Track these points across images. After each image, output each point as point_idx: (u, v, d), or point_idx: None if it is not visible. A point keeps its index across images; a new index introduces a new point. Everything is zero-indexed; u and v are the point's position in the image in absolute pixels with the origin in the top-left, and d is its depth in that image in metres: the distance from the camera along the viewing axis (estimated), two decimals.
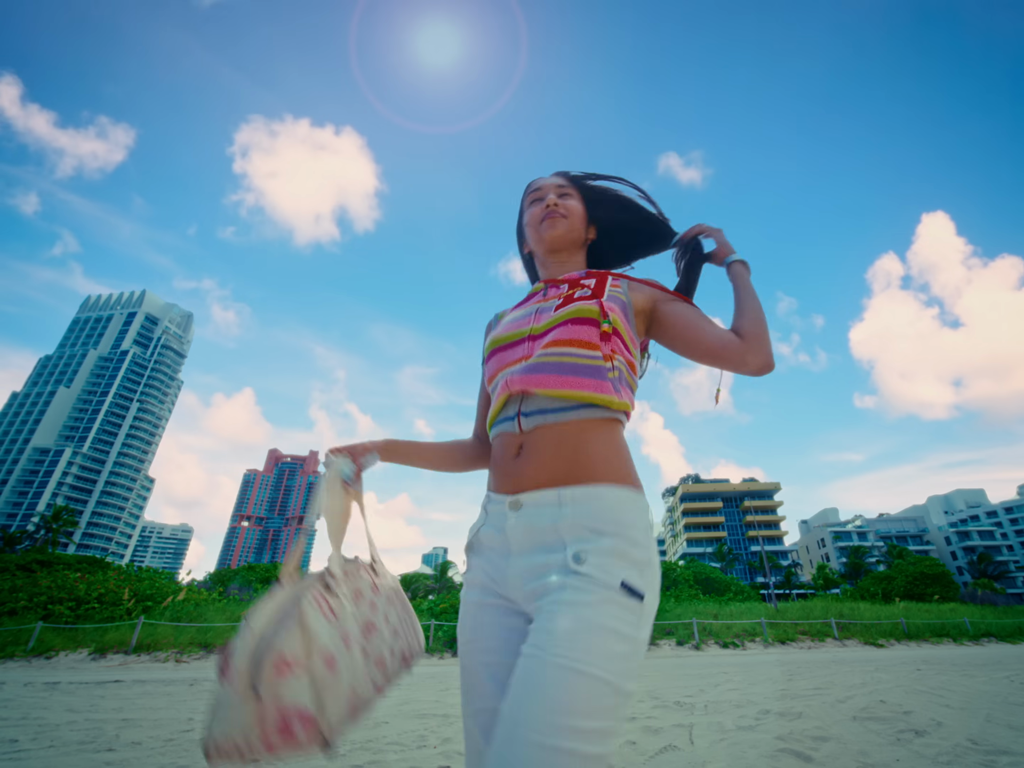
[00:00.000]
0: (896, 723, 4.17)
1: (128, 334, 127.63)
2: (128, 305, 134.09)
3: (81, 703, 5.55)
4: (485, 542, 0.89)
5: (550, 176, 1.21)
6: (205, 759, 0.66)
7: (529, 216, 1.17)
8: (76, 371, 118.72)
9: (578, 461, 0.83)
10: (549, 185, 1.18)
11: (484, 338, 1.18)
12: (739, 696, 5.62)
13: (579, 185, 1.20)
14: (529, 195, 1.20)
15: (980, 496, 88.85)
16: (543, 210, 1.13)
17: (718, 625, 14.62)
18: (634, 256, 1.28)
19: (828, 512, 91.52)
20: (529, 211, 1.18)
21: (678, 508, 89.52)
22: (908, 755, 3.28)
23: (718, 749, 3.46)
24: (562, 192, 1.16)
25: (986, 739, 3.61)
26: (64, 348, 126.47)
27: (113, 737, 3.95)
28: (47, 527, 53.71)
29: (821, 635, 15.08)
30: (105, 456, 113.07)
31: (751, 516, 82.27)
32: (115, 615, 12.86)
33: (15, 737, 3.90)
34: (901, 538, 79.76)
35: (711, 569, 33.57)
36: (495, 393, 0.98)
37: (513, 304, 1.17)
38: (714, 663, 10.08)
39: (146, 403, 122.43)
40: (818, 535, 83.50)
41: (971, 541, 74.30)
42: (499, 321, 1.16)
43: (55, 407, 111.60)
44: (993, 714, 4.48)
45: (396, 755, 3.43)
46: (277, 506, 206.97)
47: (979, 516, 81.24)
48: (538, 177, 1.24)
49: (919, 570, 34.29)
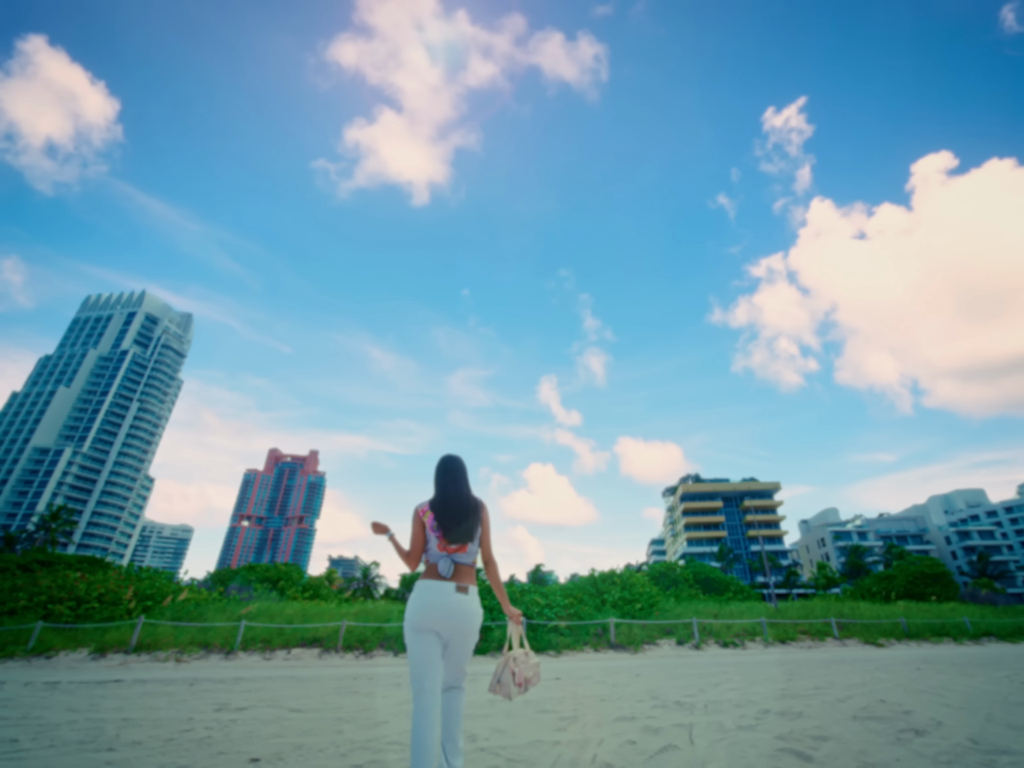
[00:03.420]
0: (896, 723, 4.17)
1: (128, 334, 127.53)
2: (128, 305, 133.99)
3: (81, 703, 5.55)
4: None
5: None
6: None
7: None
8: (76, 371, 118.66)
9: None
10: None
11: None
12: (739, 696, 5.61)
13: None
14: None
15: (980, 496, 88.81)
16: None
17: (718, 625, 14.62)
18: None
19: (828, 512, 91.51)
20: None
21: (678, 507, 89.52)
22: (908, 755, 3.27)
23: (718, 749, 3.46)
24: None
25: (986, 738, 3.61)
26: (64, 348, 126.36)
27: (113, 737, 3.94)
28: (47, 527, 53.70)
29: (821, 635, 15.08)
30: (105, 456, 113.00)
31: (751, 516, 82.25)
32: (115, 615, 12.85)
33: (15, 737, 3.90)
34: (901, 538, 79.74)
35: (711, 569, 33.55)
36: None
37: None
38: (714, 663, 10.08)
39: (146, 403, 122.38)
40: (818, 535, 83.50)
41: (971, 541, 74.29)
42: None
43: (55, 407, 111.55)
44: (993, 713, 4.48)
45: (396, 755, 3.43)
46: (277, 506, 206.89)
47: (979, 516, 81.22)
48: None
49: (919, 570, 34.27)
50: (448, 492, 2.36)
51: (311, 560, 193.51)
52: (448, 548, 2.29)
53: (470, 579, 2.30)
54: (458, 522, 2.30)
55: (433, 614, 2.18)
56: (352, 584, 42.31)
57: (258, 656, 11.17)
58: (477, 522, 2.37)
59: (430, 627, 2.19)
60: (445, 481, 2.39)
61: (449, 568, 2.25)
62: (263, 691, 6.49)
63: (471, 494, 2.41)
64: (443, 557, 2.28)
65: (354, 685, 7.10)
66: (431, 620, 2.18)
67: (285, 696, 6.06)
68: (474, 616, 2.25)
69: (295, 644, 11.97)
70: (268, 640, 11.89)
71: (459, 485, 2.39)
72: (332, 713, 4.92)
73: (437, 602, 2.19)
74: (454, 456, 2.47)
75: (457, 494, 2.36)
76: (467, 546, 2.32)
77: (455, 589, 2.21)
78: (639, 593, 16.40)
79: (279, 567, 30.28)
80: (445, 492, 2.36)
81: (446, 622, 2.19)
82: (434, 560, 2.30)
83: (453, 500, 2.34)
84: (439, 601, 2.19)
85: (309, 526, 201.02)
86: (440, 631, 2.20)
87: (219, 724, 4.39)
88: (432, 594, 2.20)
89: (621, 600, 15.88)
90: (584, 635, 13.11)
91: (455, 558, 2.29)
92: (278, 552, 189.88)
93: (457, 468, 2.42)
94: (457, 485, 2.38)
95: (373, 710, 5.08)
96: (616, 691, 6.16)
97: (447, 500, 2.34)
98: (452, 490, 2.36)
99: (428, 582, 2.23)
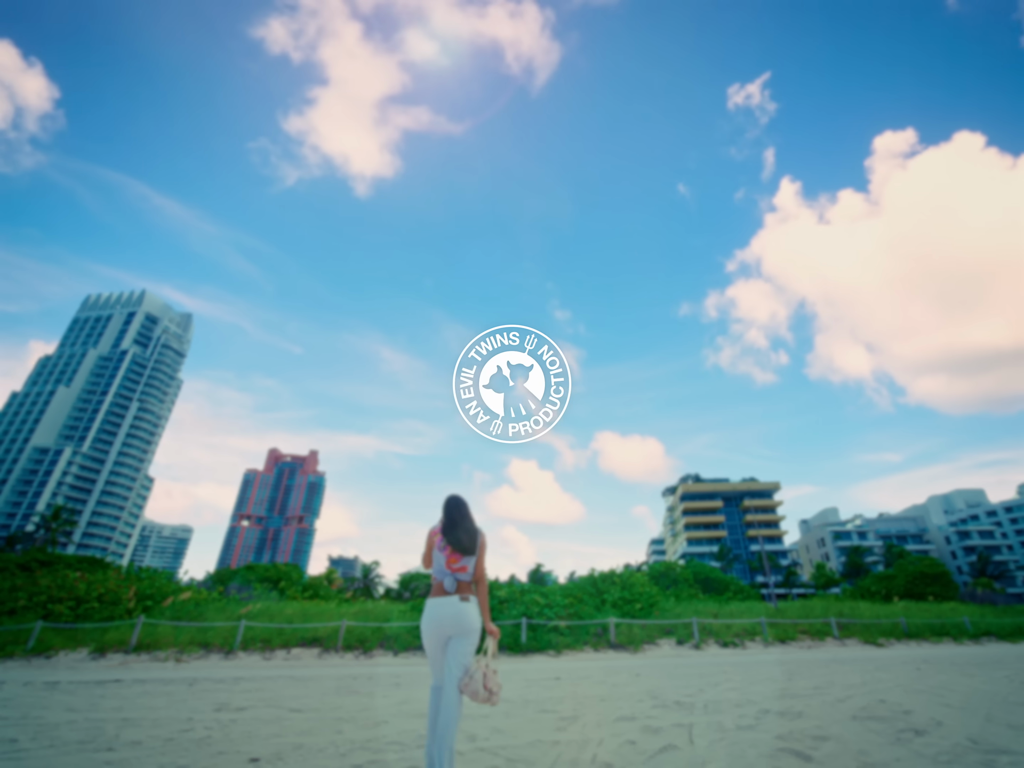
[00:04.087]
0: (896, 722, 4.17)
1: (128, 334, 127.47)
2: (128, 304, 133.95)
3: (81, 703, 5.55)
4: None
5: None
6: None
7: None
8: (76, 371, 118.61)
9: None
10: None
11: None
12: (739, 695, 5.62)
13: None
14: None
15: (980, 496, 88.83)
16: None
17: (718, 624, 14.62)
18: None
19: (828, 512, 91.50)
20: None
21: (678, 507, 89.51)
22: (908, 754, 3.28)
23: (718, 748, 3.46)
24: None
25: (986, 738, 3.61)
26: (64, 348, 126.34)
27: (113, 737, 3.94)
28: (47, 527, 53.68)
29: (821, 634, 15.08)
30: (105, 456, 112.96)
31: (751, 516, 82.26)
32: (115, 615, 12.85)
33: (15, 736, 3.90)
34: (901, 537, 79.75)
35: (711, 568, 33.55)
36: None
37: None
38: (714, 662, 10.08)
39: (146, 403, 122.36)
40: (818, 534, 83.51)
41: (971, 541, 74.29)
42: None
43: (55, 407, 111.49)
44: (993, 713, 4.48)
45: (396, 755, 3.43)
46: (277, 506, 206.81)
47: (979, 516, 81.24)
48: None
49: (919, 570, 34.29)
50: (454, 517, 3.07)
51: (311, 560, 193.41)
52: (452, 567, 2.96)
53: (470, 591, 2.97)
54: (461, 539, 2.99)
55: (443, 621, 2.86)
56: (352, 584, 42.33)
57: (258, 656, 11.17)
58: (476, 543, 3.04)
59: (441, 631, 2.86)
60: (453, 513, 3.09)
61: (453, 584, 2.93)
62: (263, 691, 6.49)
63: (473, 523, 3.12)
64: (448, 575, 2.95)
65: (354, 685, 7.10)
66: (442, 626, 2.86)
67: (285, 696, 6.06)
68: (474, 619, 2.91)
69: (295, 644, 11.97)
70: (268, 640, 11.89)
71: (463, 514, 3.10)
72: (332, 713, 4.92)
73: (446, 613, 2.87)
74: (460, 496, 3.24)
75: (462, 519, 3.08)
76: (467, 567, 2.99)
77: (460, 600, 2.89)
78: (639, 593, 16.40)
79: (279, 567, 30.29)
80: (452, 518, 3.07)
81: (453, 626, 2.86)
82: (440, 578, 2.97)
83: (459, 524, 3.05)
84: (448, 612, 2.86)
85: (309, 526, 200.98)
86: (449, 633, 2.88)
87: (219, 724, 4.39)
88: (441, 607, 2.89)
89: (621, 600, 15.88)
90: (584, 635, 13.11)
91: (457, 576, 2.95)
92: (278, 552, 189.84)
93: (463, 504, 3.18)
94: (462, 514, 3.10)
95: (373, 710, 5.08)
96: (616, 691, 6.16)
97: (454, 524, 3.05)
98: (457, 515, 3.08)
99: (437, 599, 2.92)
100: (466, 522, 3.06)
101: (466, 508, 3.16)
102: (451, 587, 2.92)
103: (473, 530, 3.06)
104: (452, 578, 2.93)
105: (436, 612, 2.88)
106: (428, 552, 3.13)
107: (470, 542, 3.01)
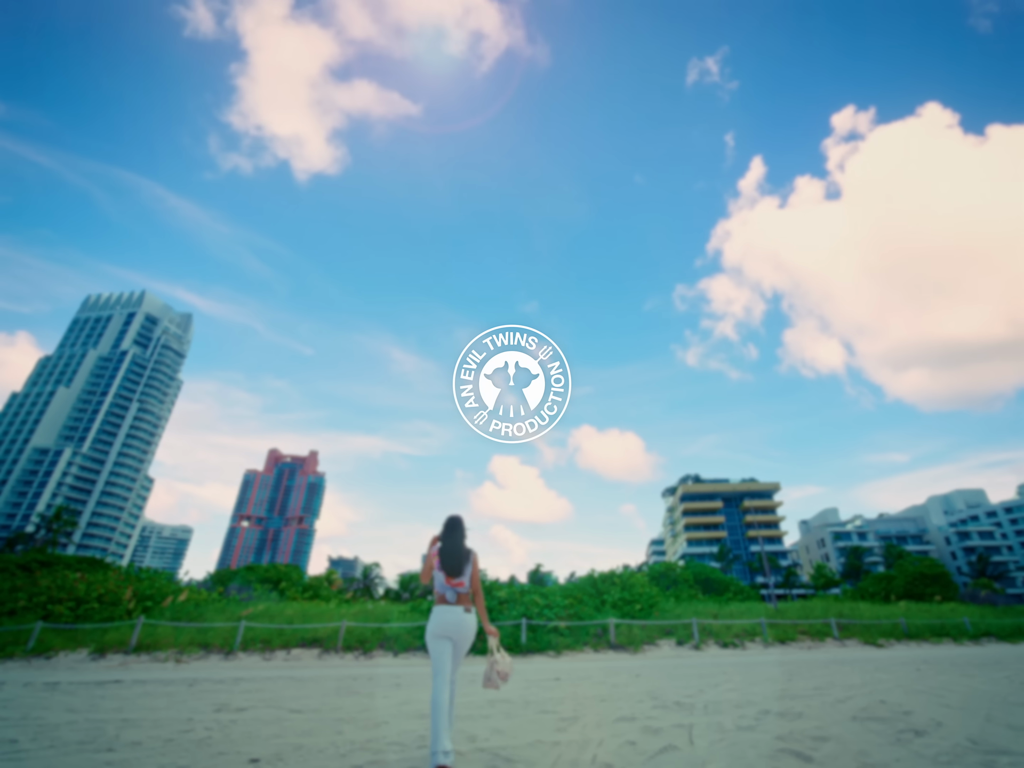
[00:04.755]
0: (896, 723, 4.17)
1: (128, 334, 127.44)
2: (128, 305, 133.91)
3: (81, 703, 5.55)
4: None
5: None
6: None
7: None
8: (76, 371, 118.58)
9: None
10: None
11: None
12: (739, 696, 5.62)
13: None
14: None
15: (980, 496, 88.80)
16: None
17: (718, 625, 14.61)
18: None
19: (828, 512, 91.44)
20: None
21: (678, 508, 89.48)
22: (908, 755, 3.28)
23: (718, 749, 3.46)
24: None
25: (986, 739, 3.61)
26: (64, 348, 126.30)
27: (113, 737, 3.94)
28: (47, 527, 53.66)
29: (821, 635, 15.07)
30: (105, 456, 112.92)
31: (751, 516, 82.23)
32: (115, 615, 12.84)
33: (15, 737, 3.90)
34: (901, 538, 79.70)
35: (711, 569, 33.56)
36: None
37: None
38: (714, 663, 10.08)
39: (146, 403, 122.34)
40: (818, 535, 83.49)
41: (971, 541, 74.26)
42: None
43: (55, 407, 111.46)
44: (993, 714, 4.48)
45: (396, 755, 3.43)
46: (277, 506, 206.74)
47: (979, 516, 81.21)
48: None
49: (919, 570, 34.27)
50: (446, 542, 3.55)
51: (311, 561, 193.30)
52: (451, 583, 3.44)
53: (469, 602, 3.49)
54: (454, 562, 3.46)
55: (448, 628, 3.34)
56: (352, 584, 42.32)
57: (258, 656, 11.16)
58: (468, 564, 3.52)
59: (447, 635, 3.33)
60: (448, 535, 3.58)
61: (454, 596, 3.42)
62: (263, 691, 6.49)
63: (465, 545, 3.59)
64: (448, 589, 3.44)
65: (354, 686, 7.10)
66: (447, 631, 3.33)
67: (285, 697, 6.06)
68: (474, 627, 3.48)
69: (295, 644, 11.96)
70: (268, 640, 11.89)
71: (456, 537, 3.56)
72: (332, 714, 4.92)
73: (451, 620, 3.35)
74: (457, 516, 3.69)
75: (457, 543, 3.54)
76: (463, 582, 3.45)
77: (463, 611, 3.39)
78: (639, 594, 16.39)
79: (279, 567, 30.30)
80: (446, 542, 3.56)
81: (457, 633, 3.35)
82: (442, 591, 3.44)
83: (452, 548, 3.52)
84: (452, 619, 3.35)
85: (309, 527, 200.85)
86: (452, 638, 3.35)
87: (219, 724, 4.39)
88: (447, 615, 3.36)
89: (621, 600, 15.87)
90: (584, 635, 13.10)
91: (457, 590, 3.44)
92: (278, 553, 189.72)
93: (458, 525, 3.64)
94: (455, 537, 3.56)
95: (373, 711, 5.08)
96: (616, 691, 6.16)
97: (448, 548, 3.52)
98: (451, 541, 3.55)
99: (442, 607, 3.39)
100: (458, 549, 3.50)
101: (460, 532, 3.61)
102: (452, 599, 3.44)
103: (464, 555, 3.51)
104: (453, 591, 3.43)
105: (444, 618, 3.37)
106: (428, 570, 3.57)
107: (462, 566, 3.49)
